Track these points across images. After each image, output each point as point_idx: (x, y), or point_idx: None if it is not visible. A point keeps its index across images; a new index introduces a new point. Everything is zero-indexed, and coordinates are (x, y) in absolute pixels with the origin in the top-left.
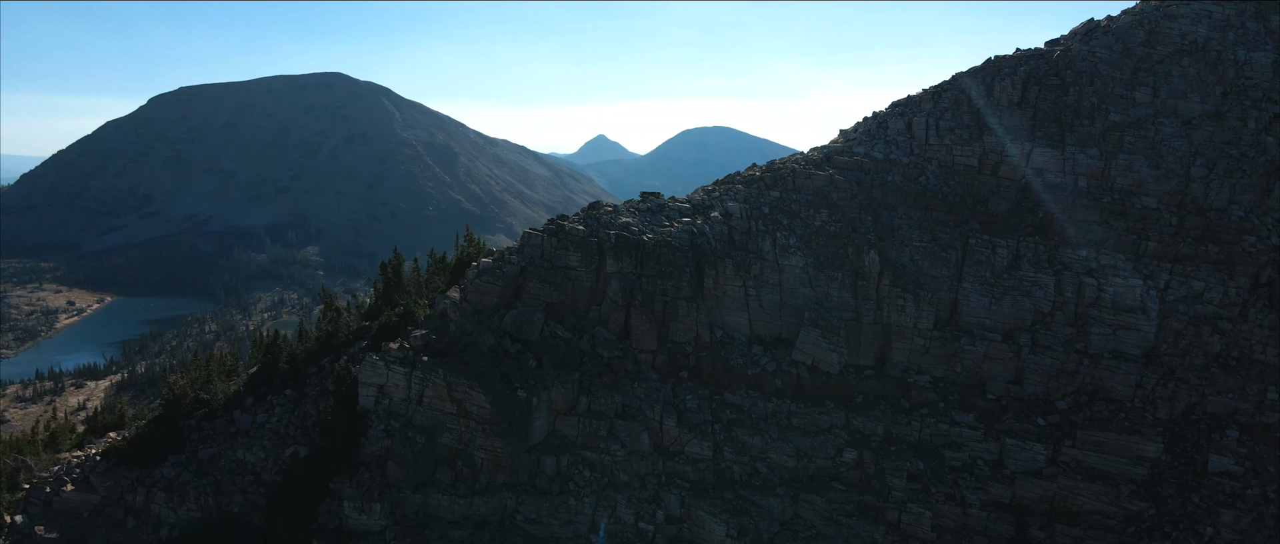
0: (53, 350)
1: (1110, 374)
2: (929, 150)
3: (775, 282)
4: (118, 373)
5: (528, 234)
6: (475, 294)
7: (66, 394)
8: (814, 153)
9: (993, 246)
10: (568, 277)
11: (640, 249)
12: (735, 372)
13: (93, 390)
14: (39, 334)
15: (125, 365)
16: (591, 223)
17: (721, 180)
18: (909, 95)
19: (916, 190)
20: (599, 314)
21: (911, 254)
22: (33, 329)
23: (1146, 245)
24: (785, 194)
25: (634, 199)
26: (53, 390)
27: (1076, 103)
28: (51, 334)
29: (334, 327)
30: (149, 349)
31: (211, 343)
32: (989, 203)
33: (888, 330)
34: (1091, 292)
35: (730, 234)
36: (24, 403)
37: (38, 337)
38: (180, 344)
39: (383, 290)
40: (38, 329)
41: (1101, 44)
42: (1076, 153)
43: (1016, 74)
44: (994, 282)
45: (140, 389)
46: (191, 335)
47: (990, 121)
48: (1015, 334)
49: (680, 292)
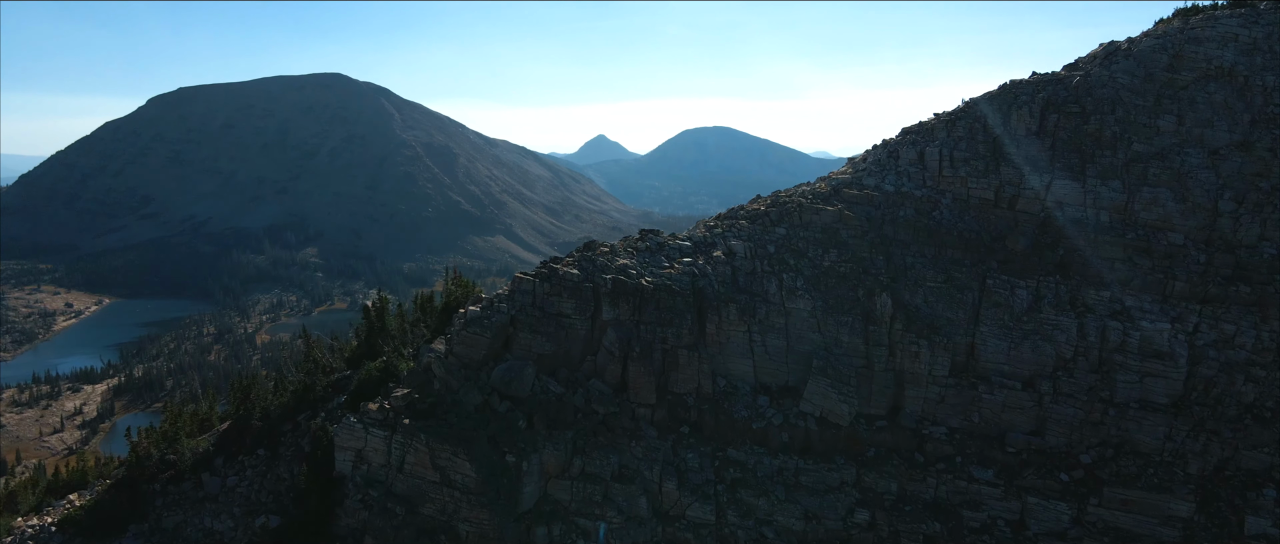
0: (50, 353)
1: (1137, 425)
2: (943, 182)
3: (781, 326)
4: (115, 376)
5: (518, 278)
6: (462, 346)
7: (63, 398)
8: (821, 185)
9: (1011, 287)
10: (561, 325)
11: (639, 294)
12: (739, 425)
13: (89, 394)
14: (37, 336)
15: (123, 369)
16: (586, 265)
17: (724, 214)
18: (921, 122)
19: (930, 226)
20: (594, 365)
21: (925, 295)
22: (30, 331)
23: (1173, 285)
24: (791, 230)
25: (632, 236)
26: (49, 394)
27: (1097, 132)
28: (49, 336)
29: (311, 379)
30: (147, 352)
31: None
32: (1007, 240)
33: (901, 378)
34: (1116, 336)
35: (733, 275)
36: (20, 407)
37: (35, 339)
38: (178, 347)
39: (365, 335)
40: (35, 331)
41: (1122, 69)
42: (1098, 185)
43: (1034, 101)
44: (1013, 325)
45: (137, 393)
46: (190, 338)
47: (1007, 152)
48: (1036, 381)
49: (681, 339)
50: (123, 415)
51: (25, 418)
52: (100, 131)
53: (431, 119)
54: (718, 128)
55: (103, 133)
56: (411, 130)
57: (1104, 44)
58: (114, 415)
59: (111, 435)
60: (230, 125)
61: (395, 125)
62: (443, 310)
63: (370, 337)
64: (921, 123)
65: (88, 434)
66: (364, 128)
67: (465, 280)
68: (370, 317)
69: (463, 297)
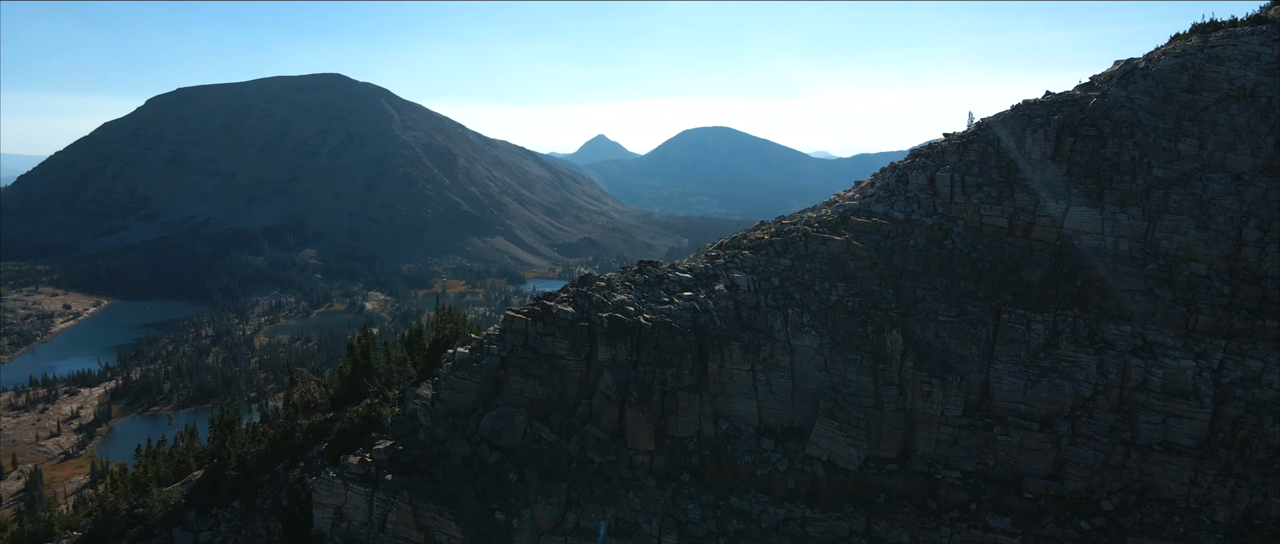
0: (48, 355)
1: (1161, 469)
2: (954, 209)
3: (787, 365)
4: (112, 380)
5: (510, 317)
6: (449, 392)
7: (60, 402)
8: (828, 212)
9: (1027, 322)
10: (554, 367)
11: (637, 333)
12: (743, 471)
13: (86, 398)
14: (35, 338)
15: (120, 372)
16: (581, 302)
17: (726, 243)
18: (931, 144)
19: (941, 256)
20: (590, 410)
21: (937, 331)
22: (28, 333)
23: (1197, 319)
24: (797, 262)
25: (630, 267)
26: (46, 398)
27: (1115, 156)
28: (47, 338)
29: (291, 424)
30: (145, 354)
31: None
32: (1022, 271)
33: (912, 418)
34: (1138, 373)
35: (737, 310)
36: (17, 411)
37: (33, 341)
38: (177, 349)
39: (350, 373)
40: (33, 333)
41: (1141, 89)
42: (1117, 212)
43: (1050, 123)
44: (1029, 362)
45: (135, 397)
46: (188, 340)
47: (1022, 177)
48: (1054, 422)
49: (681, 380)
50: (120, 419)
51: (22, 422)
52: (99, 132)
53: (431, 119)
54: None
55: (102, 133)
56: (411, 131)
57: (1120, 62)
58: (111, 419)
59: (108, 440)
60: (229, 126)
61: (395, 126)
62: (431, 349)
63: (355, 375)
64: (931, 145)
65: (84, 438)
66: (363, 128)
67: (456, 314)
68: (355, 355)
69: (452, 334)
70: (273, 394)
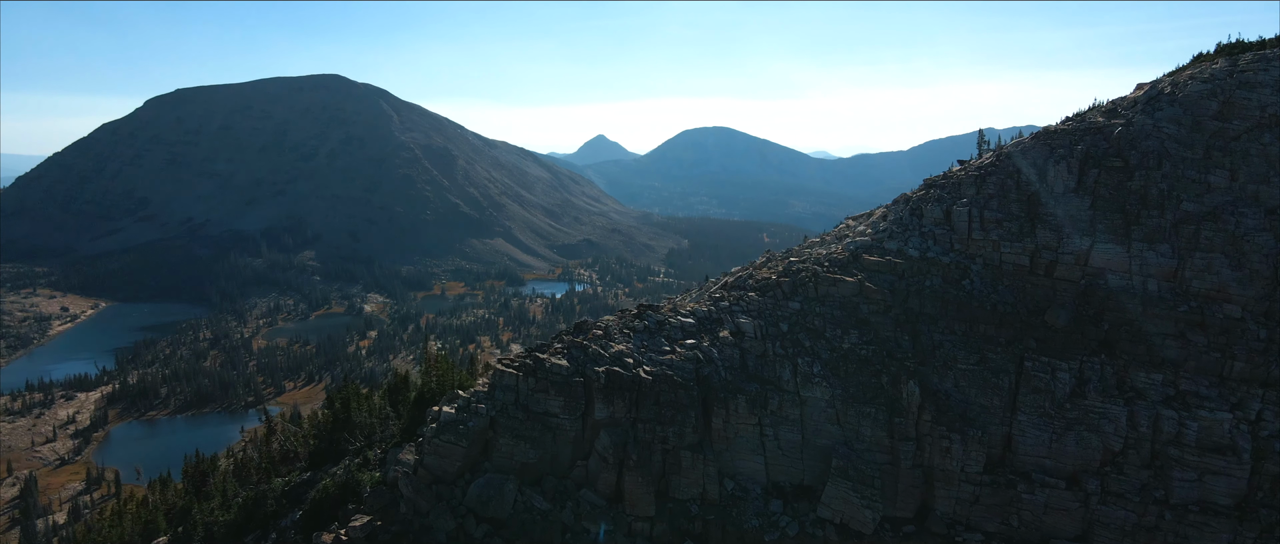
0: (45, 358)
1: (1198, 531)
2: (972, 245)
3: (796, 418)
4: (109, 384)
5: (500, 371)
6: (434, 458)
7: (56, 406)
8: (838, 249)
9: (1052, 370)
10: (547, 427)
11: (636, 388)
12: (750, 537)
13: (83, 402)
14: (32, 341)
15: (117, 375)
16: (576, 354)
17: (731, 282)
18: (946, 174)
19: (960, 298)
20: (586, 472)
21: (956, 379)
22: (26, 336)
23: (1232, 365)
24: (806, 305)
25: (628, 311)
26: (42, 402)
27: (1143, 189)
28: (45, 341)
29: (263, 490)
30: (142, 357)
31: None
32: (1046, 314)
33: (930, 475)
34: (1171, 426)
35: (743, 359)
36: (13, 416)
37: (31, 344)
38: (174, 352)
39: (329, 427)
40: (31, 336)
41: (1167, 117)
42: (1144, 250)
43: (1073, 154)
44: (1054, 413)
45: (131, 401)
46: (186, 343)
47: (1044, 211)
48: (1081, 479)
49: (683, 438)
50: (117, 424)
51: (18, 427)
52: (97, 133)
53: (430, 120)
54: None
55: (100, 134)
56: (410, 132)
57: (1144, 86)
58: (108, 424)
59: (105, 445)
60: (228, 127)
61: (393, 127)
62: (416, 402)
63: (334, 430)
64: (947, 175)
65: (81, 444)
66: (362, 129)
67: (444, 362)
68: (335, 408)
69: (438, 387)
70: (269, 398)
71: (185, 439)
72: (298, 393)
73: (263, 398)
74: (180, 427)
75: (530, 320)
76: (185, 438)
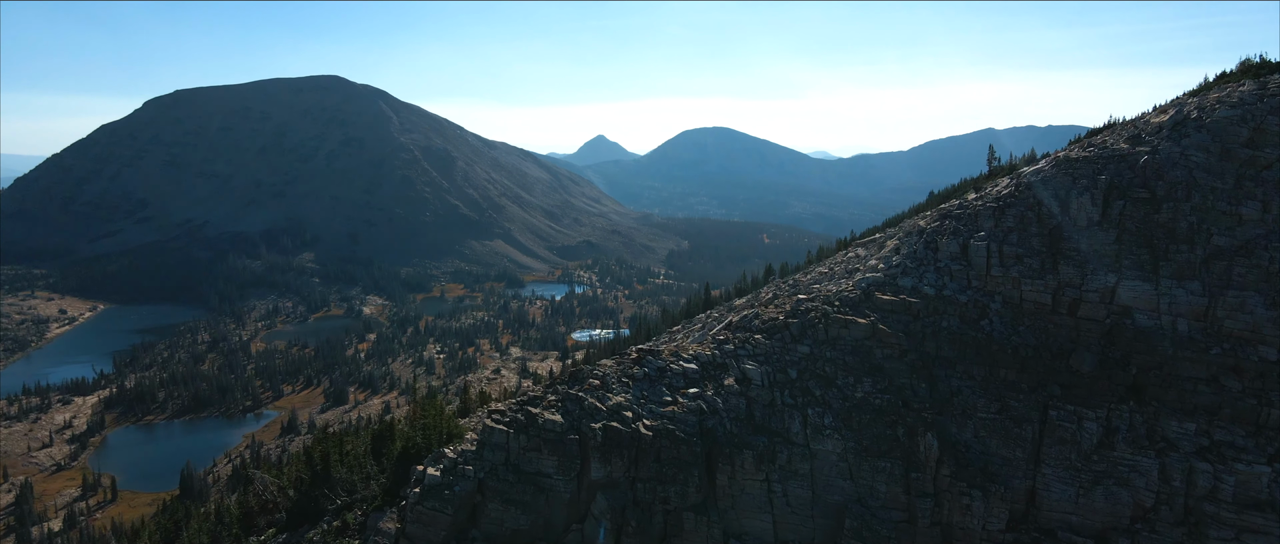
0: (43, 361)
1: None
2: (991, 282)
3: (807, 473)
4: (106, 388)
5: (489, 427)
6: (417, 525)
7: (53, 411)
8: (849, 286)
9: (1078, 419)
10: (540, 489)
11: (635, 445)
12: None
13: (80, 407)
14: (29, 344)
15: (115, 379)
16: (571, 408)
17: (736, 323)
18: (962, 203)
19: (979, 340)
20: (581, 537)
21: (976, 429)
22: (23, 339)
23: (1270, 413)
24: (816, 349)
25: (627, 355)
26: (39, 407)
27: (1171, 222)
28: (42, 344)
29: None
30: (140, 361)
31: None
32: (1071, 358)
33: (949, 533)
34: (1206, 480)
35: (749, 409)
36: (9, 421)
37: (28, 347)
38: (172, 355)
39: (308, 482)
40: (28, 339)
41: (1195, 144)
42: (1174, 287)
43: (1096, 184)
44: (1082, 466)
45: (129, 406)
46: (184, 346)
47: (1067, 246)
48: (1110, 537)
49: (686, 498)
50: (114, 429)
51: (14, 432)
52: (96, 134)
53: (429, 121)
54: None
55: (99, 135)
56: (409, 133)
57: (1168, 109)
58: (104, 429)
59: (101, 450)
60: (227, 128)
61: (393, 128)
62: (399, 458)
63: (313, 486)
64: (962, 204)
65: (77, 449)
66: (361, 130)
67: (433, 407)
68: (314, 462)
69: (425, 440)
70: (267, 402)
71: (183, 445)
72: (295, 397)
73: (261, 402)
74: (177, 431)
75: (530, 323)
76: (183, 443)
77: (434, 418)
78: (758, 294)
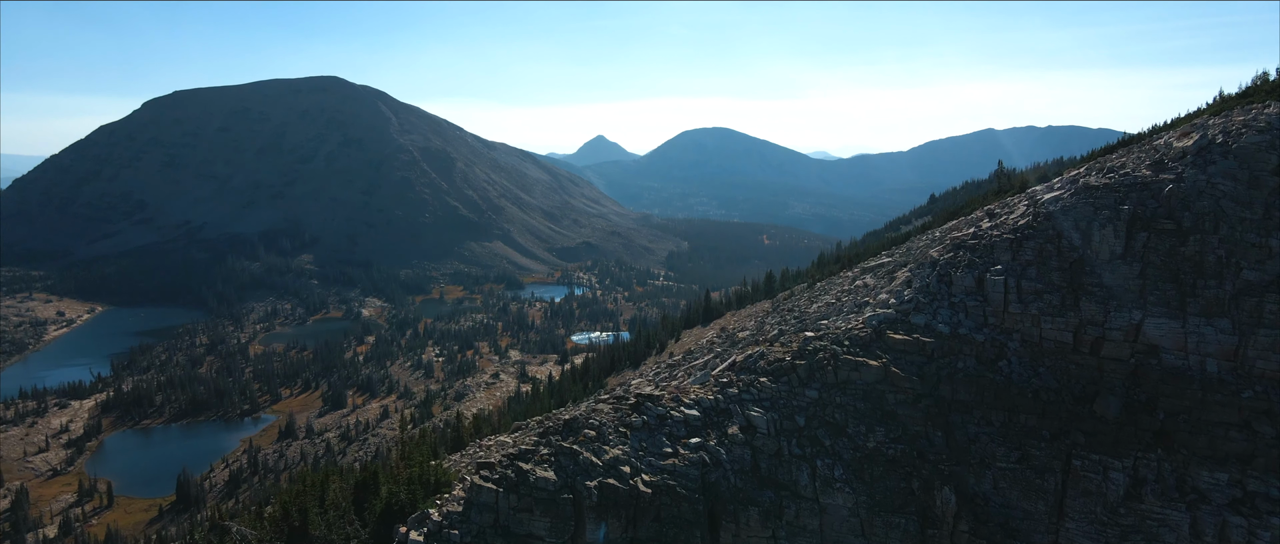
0: (40, 364)
1: None
2: (1009, 320)
3: (815, 528)
4: (103, 391)
5: (477, 485)
6: None
7: (49, 414)
8: (859, 324)
9: (1104, 469)
10: None
11: (634, 503)
12: None
13: (77, 410)
14: (27, 347)
15: (112, 382)
16: (565, 463)
17: (740, 363)
18: (977, 233)
19: (997, 384)
20: None
21: (995, 480)
22: (21, 342)
23: None
24: (825, 393)
25: (624, 399)
26: (35, 411)
27: (1198, 255)
28: (40, 346)
29: None
30: (138, 363)
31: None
32: (1094, 402)
33: None
34: (1240, 534)
35: (754, 461)
36: (5, 425)
37: (26, 349)
38: (170, 358)
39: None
40: (26, 341)
41: (1222, 171)
42: (1202, 324)
43: (1119, 215)
44: (1108, 520)
45: (126, 409)
46: (181, 349)
47: (1090, 280)
48: None
49: None
50: (110, 433)
51: (10, 436)
52: (95, 135)
53: (429, 122)
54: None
55: (97, 136)
56: (408, 134)
57: (1191, 133)
58: (101, 433)
59: (98, 455)
60: (225, 129)
61: (392, 129)
62: (382, 515)
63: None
64: (977, 234)
65: (73, 454)
66: (361, 131)
67: (420, 452)
68: (291, 517)
69: (407, 499)
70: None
71: (180, 449)
72: (293, 401)
73: (258, 406)
74: (175, 435)
75: (529, 325)
76: (180, 448)
77: (421, 466)
78: (762, 326)
